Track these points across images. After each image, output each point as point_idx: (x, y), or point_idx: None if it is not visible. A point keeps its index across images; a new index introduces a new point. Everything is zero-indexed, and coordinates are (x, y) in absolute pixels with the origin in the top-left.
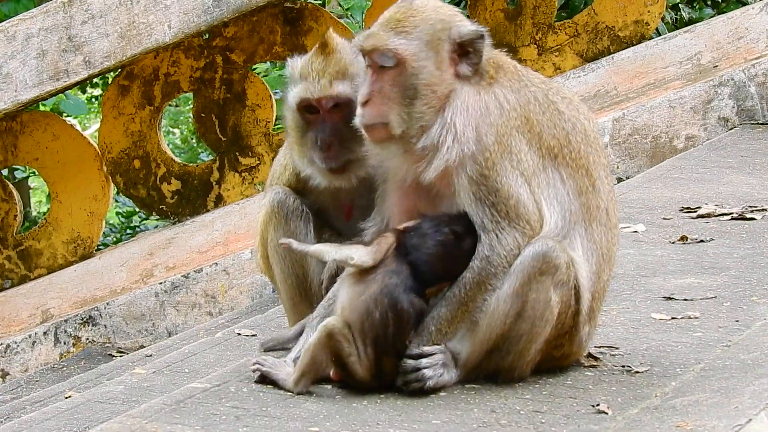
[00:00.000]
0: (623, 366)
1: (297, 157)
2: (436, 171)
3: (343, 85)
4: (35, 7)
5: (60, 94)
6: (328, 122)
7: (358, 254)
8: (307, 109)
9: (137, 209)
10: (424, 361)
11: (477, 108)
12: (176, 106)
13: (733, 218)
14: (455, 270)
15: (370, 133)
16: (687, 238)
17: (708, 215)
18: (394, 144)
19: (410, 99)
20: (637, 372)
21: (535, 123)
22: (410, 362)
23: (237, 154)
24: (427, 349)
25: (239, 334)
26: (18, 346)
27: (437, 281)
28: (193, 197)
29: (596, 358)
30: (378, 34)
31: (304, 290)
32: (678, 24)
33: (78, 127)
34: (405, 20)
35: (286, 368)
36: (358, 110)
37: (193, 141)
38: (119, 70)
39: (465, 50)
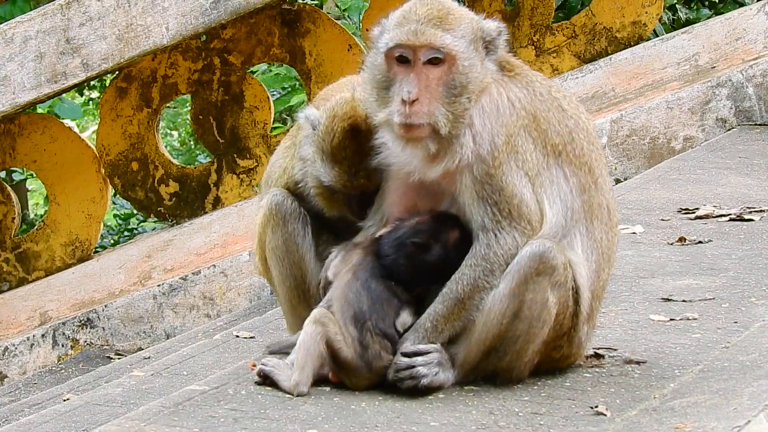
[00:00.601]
0: (622, 367)
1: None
2: (444, 169)
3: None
4: (31, 9)
5: (55, 98)
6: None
7: (331, 268)
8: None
9: (135, 211)
10: (419, 359)
11: (493, 107)
12: (174, 108)
13: (731, 219)
14: (427, 278)
15: (412, 131)
16: (685, 239)
17: (706, 216)
18: (430, 143)
19: (456, 97)
20: (636, 373)
21: (541, 120)
22: (404, 360)
23: (235, 156)
24: (422, 347)
25: (237, 336)
26: (16, 348)
27: (414, 286)
28: (191, 199)
29: (599, 357)
30: (427, 30)
31: (303, 292)
32: (675, 25)
33: (76, 130)
34: (446, 17)
35: (287, 370)
36: (401, 108)
37: (191, 143)
38: (117, 72)
39: (487, 48)
